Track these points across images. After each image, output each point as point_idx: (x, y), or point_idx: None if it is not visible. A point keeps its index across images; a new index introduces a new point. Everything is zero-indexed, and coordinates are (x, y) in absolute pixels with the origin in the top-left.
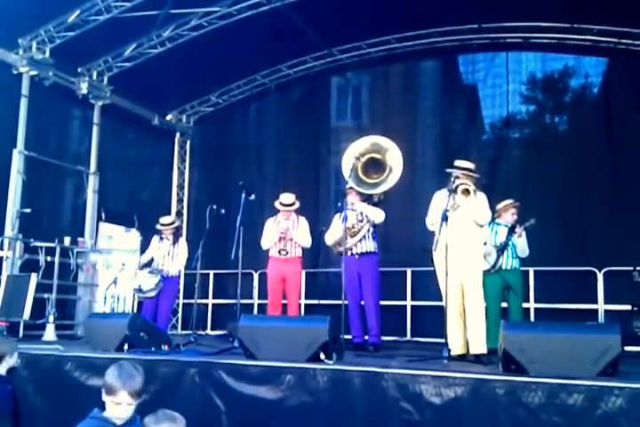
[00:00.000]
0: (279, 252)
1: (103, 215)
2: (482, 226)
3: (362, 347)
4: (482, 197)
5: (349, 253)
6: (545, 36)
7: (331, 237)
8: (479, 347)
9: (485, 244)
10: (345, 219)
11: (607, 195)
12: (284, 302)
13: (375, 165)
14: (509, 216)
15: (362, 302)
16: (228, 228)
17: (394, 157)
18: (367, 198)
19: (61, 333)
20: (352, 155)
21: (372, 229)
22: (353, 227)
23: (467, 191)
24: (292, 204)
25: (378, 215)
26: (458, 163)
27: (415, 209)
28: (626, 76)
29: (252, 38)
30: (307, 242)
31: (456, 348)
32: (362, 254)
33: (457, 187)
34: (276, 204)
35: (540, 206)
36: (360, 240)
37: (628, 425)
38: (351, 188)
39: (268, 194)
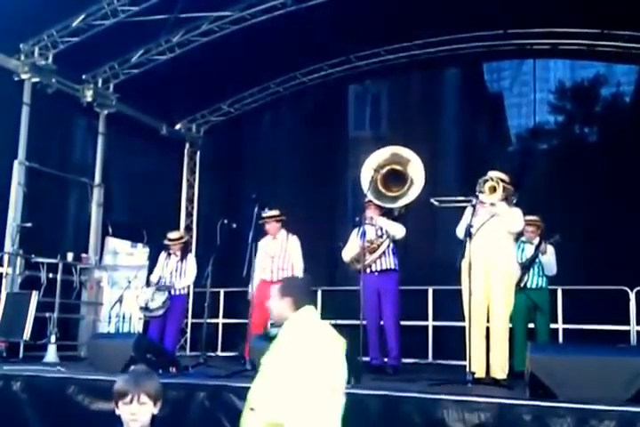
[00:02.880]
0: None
1: (110, 230)
2: (513, 236)
3: (381, 370)
4: (516, 209)
5: (368, 270)
6: (574, 42)
7: (348, 253)
8: (500, 372)
9: None
10: (363, 234)
11: (639, 209)
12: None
13: (396, 178)
14: (526, 232)
15: (381, 322)
16: (239, 243)
17: (415, 170)
18: (387, 212)
19: (64, 354)
20: (371, 166)
21: (392, 245)
22: (372, 243)
23: (493, 189)
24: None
25: (398, 230)
26: (492, 173)
27: (436, 224)
28: None
29: (265, 44)
30: (299, 272)
31: (479, 371)
32: (382, 272)
33: (484, 182)
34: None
35: (567, 221)
36: (380, 257)
37: None
38: (370, 201)
39: (281, 208)
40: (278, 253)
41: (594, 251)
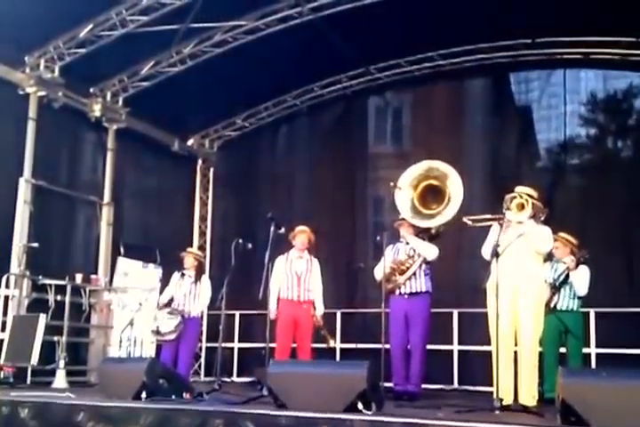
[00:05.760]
0: None
1: (122, 250)
2: (542, 256)
3: (405, 396)
4: (546, 228)
5: (398, 292)
6: (606, 51)
7: (379, 272)
8: (529, 398)
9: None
10: (397, 254)
11: None
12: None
13: (433, 194)
14: (554, 251)
15: (408, 347)
16: (255, 264)
17: (454, 185)
18: (424, 230)
19: (73, 379)
20: (404, 184)
21: (424, 266)
22: (402, 264)
23: (521, 206)
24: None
25: (430, 252)
26: (519, 189)
27: (462, 244)
28: None
29: (281, 55)
30: (320, 295)
31: (507, 397)
32: (412, 294)
33: (512, 199)
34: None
35: (600, 240)
36: (409, 278)
37: None
38: (403, 219)
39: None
40: (304, 274)
41: (628, 271)
